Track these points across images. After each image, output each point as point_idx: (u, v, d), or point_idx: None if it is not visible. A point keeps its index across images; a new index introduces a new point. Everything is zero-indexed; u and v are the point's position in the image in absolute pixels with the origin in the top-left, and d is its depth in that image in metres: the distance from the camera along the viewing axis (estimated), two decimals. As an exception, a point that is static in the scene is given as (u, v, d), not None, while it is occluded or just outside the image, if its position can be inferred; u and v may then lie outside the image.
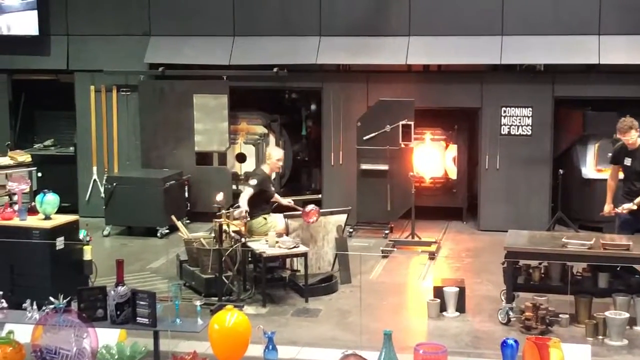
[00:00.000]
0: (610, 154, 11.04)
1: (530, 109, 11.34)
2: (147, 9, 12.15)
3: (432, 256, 10.11)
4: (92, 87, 12.33)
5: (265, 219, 9.18)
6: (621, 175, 8.72)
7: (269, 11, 11.89)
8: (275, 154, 9.48)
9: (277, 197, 9.56)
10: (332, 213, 9.27)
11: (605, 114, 11.06)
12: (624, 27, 10.97)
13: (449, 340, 7.20)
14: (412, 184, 10.74)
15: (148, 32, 12.16)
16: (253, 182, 9.12)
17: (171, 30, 12.11)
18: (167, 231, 11.13)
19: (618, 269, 7.84)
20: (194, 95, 11.92)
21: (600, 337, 7.30)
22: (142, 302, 5.55)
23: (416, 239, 10.64)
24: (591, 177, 11.33)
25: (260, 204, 9.17)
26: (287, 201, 9.65)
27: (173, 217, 9.60)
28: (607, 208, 8.63)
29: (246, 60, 11.80)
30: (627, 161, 8.53)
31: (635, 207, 8.28)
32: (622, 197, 8.57)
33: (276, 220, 9.20)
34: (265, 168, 9.38)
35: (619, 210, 8.38)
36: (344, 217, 9.33)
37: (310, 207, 9.06)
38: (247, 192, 9.02)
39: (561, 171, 10.95)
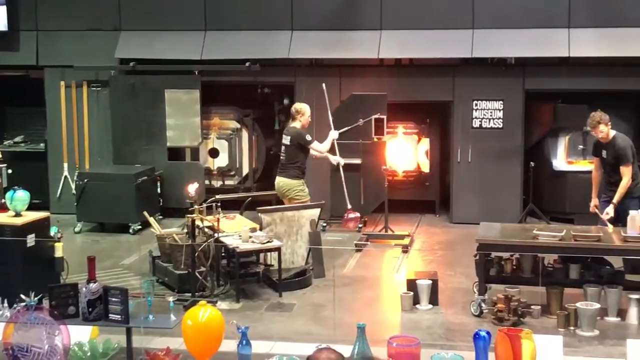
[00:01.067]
0: (581, 146, 11.24)
1: (502, 102, 11.40)
2: (117, 4, 12.06)
3: (405, 249, 10.15)
4: (63, 83, 12.22)
5: (303, 184, 9.15)
6: None
7: (241, 5, 11.84)
8: (307, 110, 9.29)
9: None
10: (305, 207, 9.26)
11: (575, 107, 11.17)
12: (593, 20, 11.05)
13: (422, 332, 7.23)
14: (385, 178, 10.76)
15: (118, 27, 12.07)
16: (308, 137, 9.06)
17: (142, 25, 12.02)
18: (140, 227, 11.06)
19: (589, 260, 7.91)
20: (166, 90, 11.84)
21: (572, 327, 7.36)
22: (114, 299, 5.49)
23: (389, 232, 10.67)
24: (562, 169, 11.43)
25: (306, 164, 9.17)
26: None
27: (145, 213, 9.54)
28: (593, 202, 8.73)
29: (218, 55, 11.74)
30: (604, 153, 8.64)
31: (613, 209, 8.35)
32: (605, 187, 8.71)
33: (307, 193, 9.27)
34: (297, 125, 9.18)
35: (603, 217, 8.41)
36: (317, 211, 9.31)
37: (354, 214, 9.15)
38: (318, 144, 8.96)
39: (532, 164, 11.02)
